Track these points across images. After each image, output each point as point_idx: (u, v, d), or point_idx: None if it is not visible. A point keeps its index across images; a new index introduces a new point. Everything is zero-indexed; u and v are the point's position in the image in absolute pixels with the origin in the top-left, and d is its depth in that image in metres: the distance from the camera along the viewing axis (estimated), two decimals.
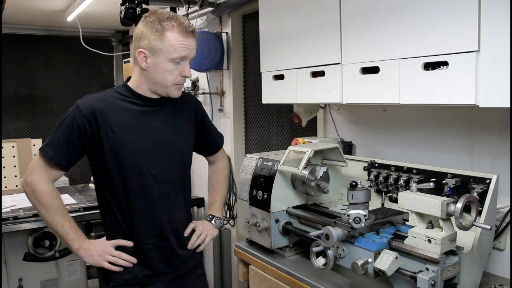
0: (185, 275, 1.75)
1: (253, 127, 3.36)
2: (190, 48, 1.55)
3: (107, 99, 1.61)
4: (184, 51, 1.54)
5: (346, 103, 1.73)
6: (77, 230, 1.61)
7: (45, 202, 1.56)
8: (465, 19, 1.28)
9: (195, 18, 3.27)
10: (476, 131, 1.71)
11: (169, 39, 1.51)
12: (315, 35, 1.82)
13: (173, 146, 1.67)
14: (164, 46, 1.51)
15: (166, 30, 1.51)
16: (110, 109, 1.58)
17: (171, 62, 1.54)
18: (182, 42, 1.52)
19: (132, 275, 1.63)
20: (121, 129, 1.57)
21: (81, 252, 1.60)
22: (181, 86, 1.63)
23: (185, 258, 1.73)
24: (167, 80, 1.56)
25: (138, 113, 1.61)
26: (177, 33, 1.52)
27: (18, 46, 4.89)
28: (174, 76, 1.56)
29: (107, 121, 1.56)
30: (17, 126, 4.94)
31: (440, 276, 1.23)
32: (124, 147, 1.57)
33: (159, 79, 1.57)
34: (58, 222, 1.57)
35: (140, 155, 1.59)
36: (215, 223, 1.84)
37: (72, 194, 3.13)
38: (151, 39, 1.52)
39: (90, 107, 1.56)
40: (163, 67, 1.54)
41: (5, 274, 2.69)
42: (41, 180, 1.57)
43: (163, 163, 1.64)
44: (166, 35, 1.51)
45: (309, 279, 1.58)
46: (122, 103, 1.61)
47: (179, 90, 1.63)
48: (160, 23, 1.52)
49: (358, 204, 1.38)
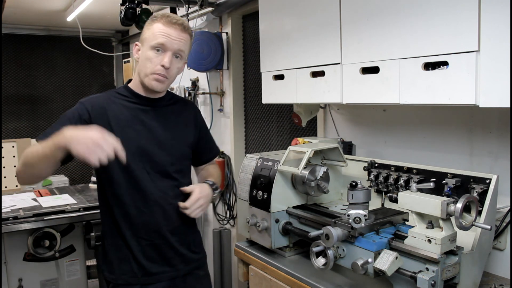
0: (187, 275, 1.74)
1: (253, 127, 3.36)
2: (170, 37, 1.59)
3: (107, 97, 1.68)
4: (162, 38, 1.58)
5: (346, 103, 1.73)
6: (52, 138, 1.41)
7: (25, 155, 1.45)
8: (465, 19, 1.28)
9: (195, 18, 3.27)
10: (476, 131, 1.71)
11: (153, 28, 1.61)
12: (315, 35, 1.82)
13: (170, 145, 1.69)
14: (148, 35, 1.61)
15: (154, 22, 1.62)
16: (110, 107, 1.64)
17: (152, 50, 1.59)
18: (163, 30, 1.59)
19: (131, 274, 1.64)
20: (118, 126, 1.61)
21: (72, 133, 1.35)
22: (160, 78, 1.60)
23: (185, 257, 1.73)
24: (147, 67, 1.61)
25: (136, 111, 1.66)
26: (161, 23, 1.60)
27: (18, 46, 4.89)
28: (154, 65, 1.59)
29: (106, 116, 1.61)
30: (17, 126, 4.94)
31: (440, 276, 1.23)
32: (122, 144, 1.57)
33: (141, 68, 1.63)
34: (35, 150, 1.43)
35: (136, 153, 1.61)
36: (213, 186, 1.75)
37: (72, 194, 3.12)
38: (143, 32, 1.64)
39: (91, 102, 1.64)
40: (145, 55, 1.61)
41: (5, 274, 2.69)
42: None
43: (159, 161, 1.66)
44: (152, 26, 1.61)
45: (309, 279, 1.59)
46: (121, 102, 1.66)
47: (157, 82, 1.61)
48: (153, 18, 1.63)
49: (358, 204, 1.38)
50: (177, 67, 1.65)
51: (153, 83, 1.61)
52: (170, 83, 1.69)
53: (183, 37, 1.62)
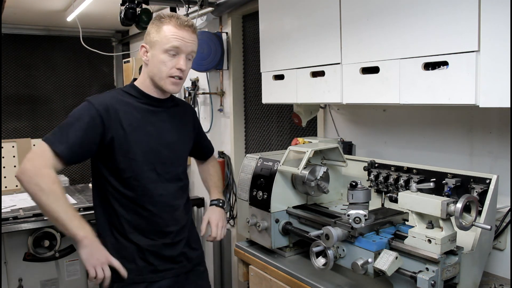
0: (189, 272, 1.79)
1: (253, 127, 3.36)
2: (184, 40, 1.60)
3: (116, 97, 1.66)
4: (177, 42, 1.59)
5: (346, 103, 1.73)
6: (81, 218, 1.50)
7: (46, 187, 1.45)
8: (465, 19, 1.28)
9: (195, 18, 3.27)
10: (476, 131, 1.71)
11: (164, 31, 1.60)
12: (315, 35, 1.82)
13: (177, 146, 1.74)
14: (159, 38, 1.60)
15: (163, 24, 1.61)
16: (120, 107, 1.62)
17: (166, 54, 1.59)
18: (176, 33, 1.59)
19: (137, 273, 1.64)
20: (130, 127, 1.61)
21: (87, 242, 1.46)
22: (177, 81, 1.64)
23: (187, 254, 1.77)
24: (162, 71, 1.61)
25: (145, 113, 1.67)
26: (172, 26, 1.60)
27: (18, 46, 4.89)
28: (168, 68, 1.60)
29: (118, 118, 1.60)
30: (17, 126, 4.94)
31: (440, 276, 1.23)
32: (133, 146, 1.61)
33: (155, 71, 1.62)
34: (61, 208, 1.46)
35: (147, 154, 1.63)
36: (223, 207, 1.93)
37: (72, 194, 3.12)
38: (151, 34, 1.63)
39: (103, 103, 1.60)
40: (159, 58, 1.60)
41: (5, 274, 2.69)
42: (43, 165, 1.47)
43: (168, 162, 1.69)
44: (162, 28, 1.60)
45: (309, 279, 1.59)
46: (130, 101, 1.66)
47: (175, 85, 1.65)
48: (160, 19, 1.62)
49: (358, 204, 1.38)
50: (189, 68, 1.68)
51: (170, 87, 1.64)
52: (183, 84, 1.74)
53: (194, 38, 1.64)
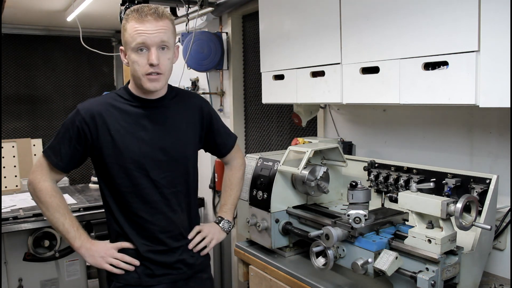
0: (189, 278, 1.71)
1: (253, 127, 3.36)
2: (147, 32, 1.48)
3: (107, 102, 1.60)
4: (140, 37, 1.48)
5: (346, 103, 1.73)
6: (78, 228, 1.61)
7: (44, 200, 1.58)
8: (465, 19, 1.28)
9: (195, 18, 3.27)
10: (476, 131, 1.71)
11: (128, 30, 1.51)
12: (315, 35, 1.82)
13: (174, 150, 1.64)
14: (127, 37, 1.51)
15: (127, 22, 1.51)
16: (109, 113, 1.57)
17: (136, 52, 1.50)
18: (137, 28, 1.48)
19: (134, 275, 1.63)
20: (119, 133, 1.56)
21: (83, 251, 1.59)
22: (155, 77, 1.53)
23: (187, 261, 1.69)
24: (137, 71, 1.52)
25: (137, 117, 1.59)
26: (134, 21, 1.49)
27: (18, 46, 4.88)
28: (142, 66, 1.51)
29: (106, 125, 1.55)
30: (17, 126, 4.93)
31: (440, 276, 1.23)
32: (123, 152, 1.56)
33: (133, 72, 1.55)
34: (59, 220, 1.58)
35: (139, 160, 1.57)
36: (223, 226, 1.77)
37: (72, 194, 3.12)
38: (122, 35, 1.55)
39: (89, 111, 1.56)
40: (131, 59, 1.52)
41: (5, 274, 2.69)
42: (41, 179, 1.59)
43: (163, 167, 1.61)
44: (126, 27, 1.51)
45: (309, 279, 1.59)
46: (121, 106, 1.60)
47: (154, 82, 1.54)
48: (126, 17, 1.53)
49: (358, 204, 1.38)
50: (168, 59, 1.54)
51: (149, 85, 1.53)
52: (168, 77, 1.60)
53: (161, 26, 1.49)
